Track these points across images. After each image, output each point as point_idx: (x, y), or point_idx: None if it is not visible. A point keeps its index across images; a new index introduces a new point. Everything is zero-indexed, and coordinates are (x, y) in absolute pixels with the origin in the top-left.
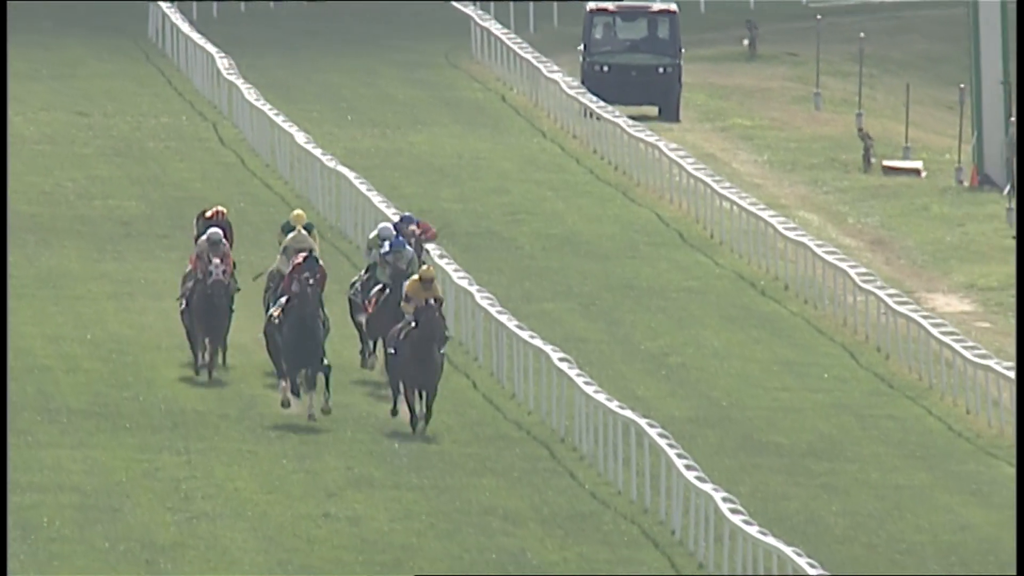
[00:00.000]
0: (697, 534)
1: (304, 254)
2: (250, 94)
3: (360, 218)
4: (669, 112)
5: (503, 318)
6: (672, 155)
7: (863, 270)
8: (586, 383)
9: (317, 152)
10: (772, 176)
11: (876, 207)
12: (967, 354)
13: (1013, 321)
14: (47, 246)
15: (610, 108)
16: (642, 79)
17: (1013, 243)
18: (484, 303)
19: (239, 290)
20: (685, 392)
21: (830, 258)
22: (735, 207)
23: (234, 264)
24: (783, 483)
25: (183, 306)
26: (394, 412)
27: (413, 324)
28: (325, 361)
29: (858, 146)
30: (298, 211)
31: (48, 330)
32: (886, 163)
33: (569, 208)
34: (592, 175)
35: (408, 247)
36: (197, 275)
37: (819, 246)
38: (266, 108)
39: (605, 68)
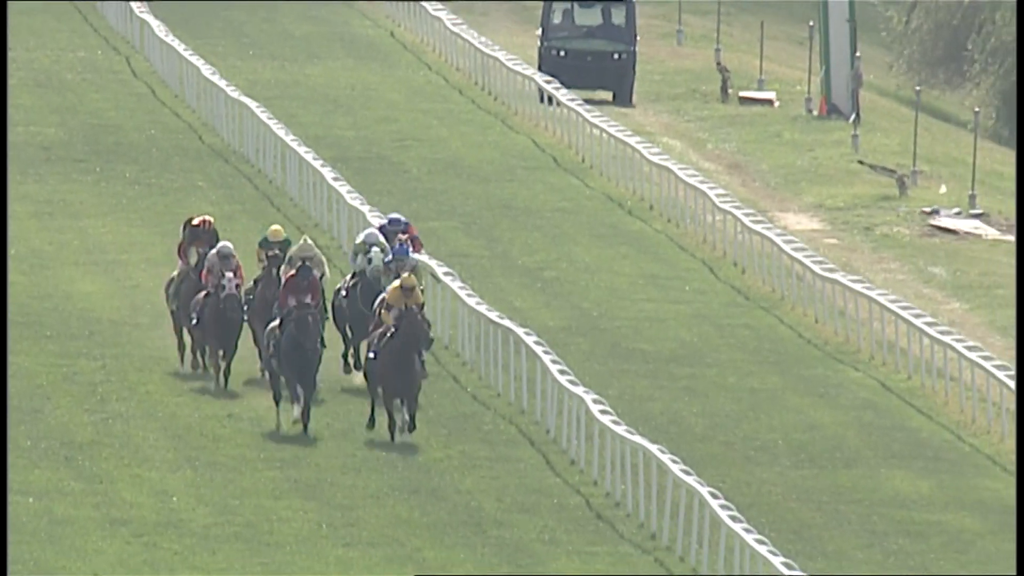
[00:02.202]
0: (569, 433)
1: (299, 265)
2: (160, 30)
3: (261, 144)
4: (623, 97)
5: None
6: (546, 87)
7: (721, 191)
8: (468, 295)
9: (222, 83)
10: (638, 105)
11: (733, 134)
12: (816, 268)
13: (858, 237)
14: None
15: (489, 44)
16: (597, 64)
17: (858, 167)
18: (375, 220)
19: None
20: (559, 303)
21: (691, 180)
22: (604, 134)
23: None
24: (648, 386)
25: (194, 321)
26: (371, 423)
27: (393, 331)
28: (317, 382)
29: (717, 78)
30: (276, 226)
31: None
32: (742, 94)
33: (452, 135)
34: (474, 105)
35: (410, 255)
36: (208, 289)
37: (681, 169)
38: (175, 43)
39: (562, 53)
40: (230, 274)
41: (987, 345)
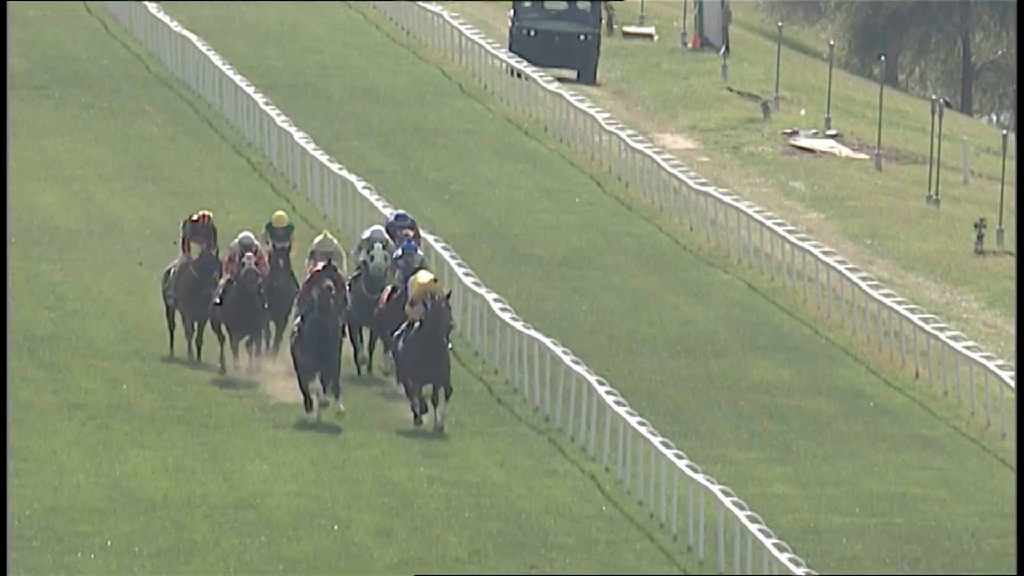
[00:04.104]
0: (472, 328)
1: (323, 263)
2: None
3: (201, 73)
4: (587, 76)
5: (317, 153)
6: (453, 22)
7: (607, 115)
8: (384, 206)
9: (166, 19)
10: None
11: (617, 64)
12: (690, 182)
13: (727, 155)
14: None
15: None
16: (564, 45)
17: (727, 93)
18: (301, 141)
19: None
20: (464, 213)
21: (580, 105)
22: (504, 64)
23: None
24: (542, 287)
25: (216, 302)
26: (417, 422)
27: (419, 323)
28: (339, 371)
29: (604, 15)
30: (280, 212)
31: None
32: (626, 29)
33: (370, 65)
34: (389, 38)
35: (418, 251)
36: (228, 276)
37: (572, 95)
38: None
39: (532, 33)
40: (250, 254)
41: (841, 251)
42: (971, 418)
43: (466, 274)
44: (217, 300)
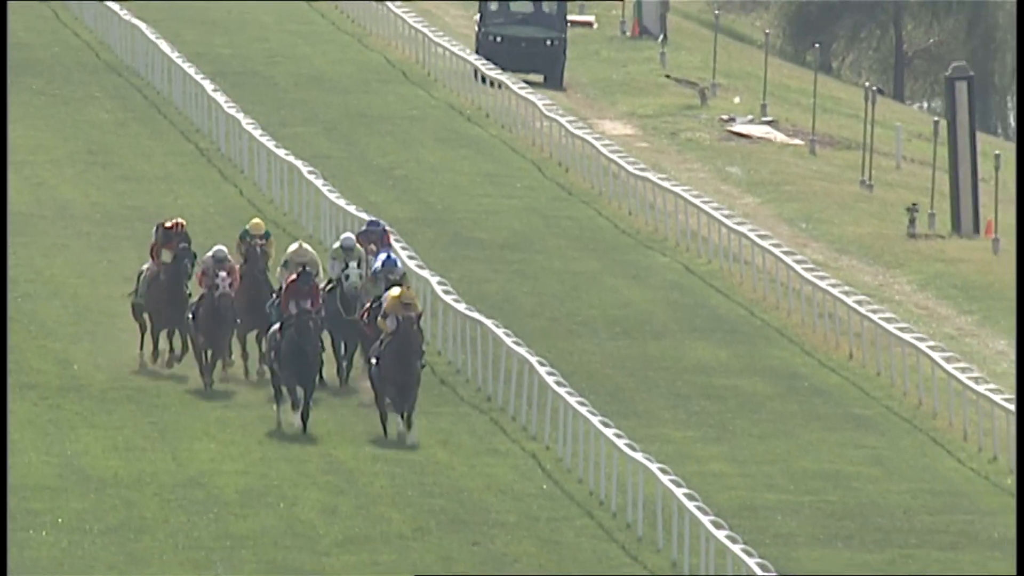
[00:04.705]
0: None
1: (299, 270)
2: None
3: (150, 60)
4: (554, 80)
5: (264, 139)
6: (397, 10)
7: (548, 102)
8: (329, 191)
9: (115, 7)
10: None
11: None
12: (629, 167)
13: (665, 141)
14: None
15: None
16: (530, 50)
17: (665, 80)
18: (248, 127)
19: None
20: (408, 198)
21: (521, 92)
22: (446, 51)
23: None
24: (485, 270)
25: (190, 318)
26: (387, 434)
27: (391, 337)
28: (318, 383)
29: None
30: (256, 220)
31: None
32: (567, 18)
33: (316, 52)
34: (334, 26)
35: (399, 264)
36: (202, 289)
37: (513, 82)
38: None
39: (498, 39)
40: (223, 273)
41: (776, 234)
42: (903, 398)
43: (410, 257)
44: (190, 315)
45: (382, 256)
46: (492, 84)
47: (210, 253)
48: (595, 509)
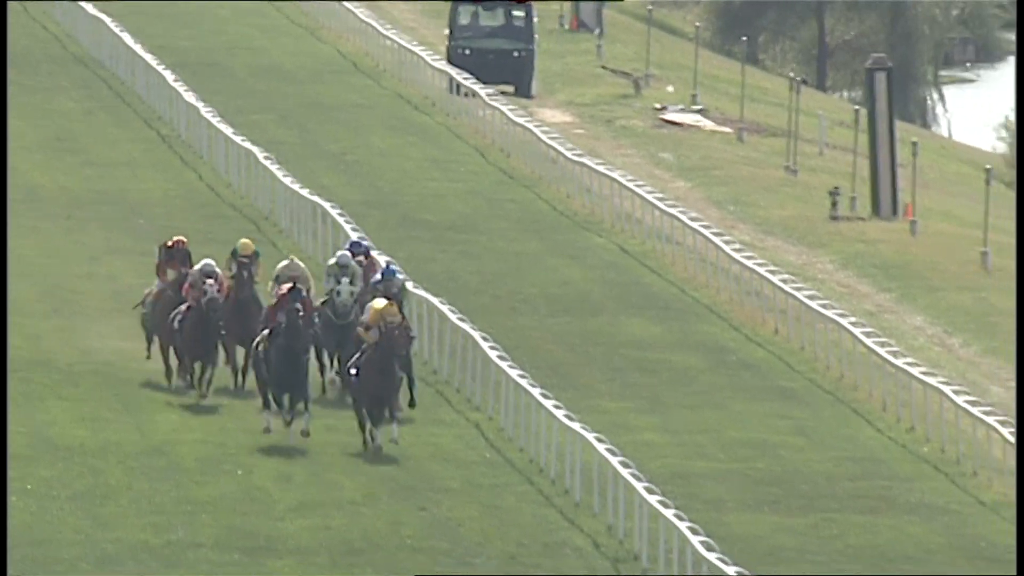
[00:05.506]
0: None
1: (288, 285)
2: None
3: (115, 52)
4: (523, 90)
5: (222, 126)
6: (349, 5)
7: (490, 91)
8: (284, 175)
9: (82, 2)
10: (423, 21)
11: None
12: (567, 153)
13: (602, 128)
14: None
15: None
16: (499, 62)
17: (601, 71)
18: (207, 115)
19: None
20: (359, 182)
21: (466, 82)
22: (395, 44)
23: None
24: (431, 250)
25: (176, 326)
26: (366, 445)
27: (374, 346)
28: (309, 390)
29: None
30: (245, 240)
31: None
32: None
33: (272, 44)
34: (288, 20)
35: (398, 275)
36: (190, 302)
37: (458, 73)
38: None
39: (467, 51)
40: (211, 280)
41: (706, 216)
42: (826, 371)
43: (360, 238)
44: (176, 325)
45: (381, 268)
46: (467, 95)
47: (198, 266)
48: (535, 476)
